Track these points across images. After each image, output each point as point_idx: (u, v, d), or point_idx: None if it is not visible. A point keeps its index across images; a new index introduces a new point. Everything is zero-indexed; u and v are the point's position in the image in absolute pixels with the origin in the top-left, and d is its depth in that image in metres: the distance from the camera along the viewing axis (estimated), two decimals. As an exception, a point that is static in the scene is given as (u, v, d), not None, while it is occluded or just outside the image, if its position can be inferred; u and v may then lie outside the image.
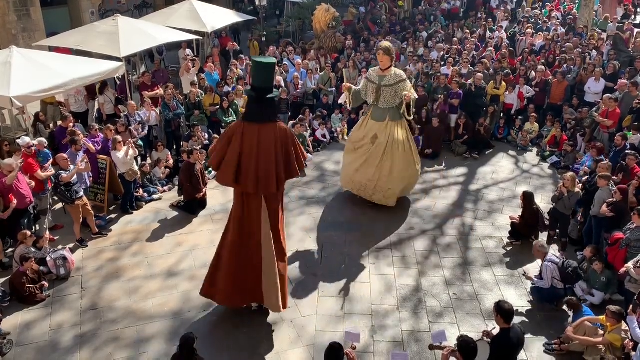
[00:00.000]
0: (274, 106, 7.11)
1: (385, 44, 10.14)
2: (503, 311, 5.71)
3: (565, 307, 7.53)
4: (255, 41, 18.39)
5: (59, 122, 11.29)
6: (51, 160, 9.66)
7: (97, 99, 12.85)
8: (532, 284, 8.04)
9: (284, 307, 7.37)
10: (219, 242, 7.42)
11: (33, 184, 8.98)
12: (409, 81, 10.29)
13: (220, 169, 6.83)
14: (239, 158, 6.64)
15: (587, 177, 10.07)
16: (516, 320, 6.49)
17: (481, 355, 5.76)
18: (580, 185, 9.35)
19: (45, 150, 9.87)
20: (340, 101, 11.33)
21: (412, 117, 10.24)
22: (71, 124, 10.80)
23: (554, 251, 7.98)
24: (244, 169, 6.66)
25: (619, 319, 6.65)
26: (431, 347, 6.26)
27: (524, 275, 8.37)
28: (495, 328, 6.11)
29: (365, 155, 10.05)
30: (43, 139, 10.18)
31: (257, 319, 7.60)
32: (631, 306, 6.98)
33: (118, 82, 14.04)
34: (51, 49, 14.25)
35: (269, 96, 6.74)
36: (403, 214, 10.39)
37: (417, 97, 10.38)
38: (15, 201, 8.37)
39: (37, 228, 9.31)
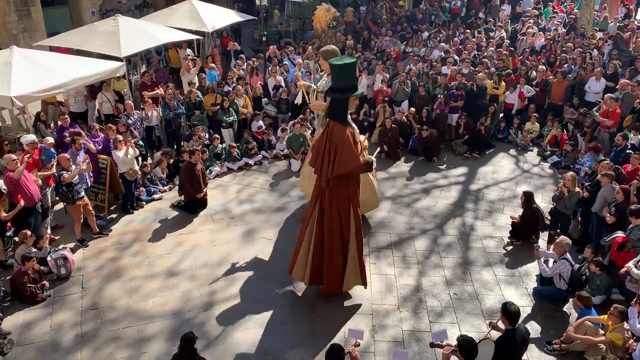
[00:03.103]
0: (342, 108, 7.18)
1: (332, 47, 9.29)
2: (509, 313, 5.71)
3: (575, 302, 7.48)
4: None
5: (59, 122, 11.29)
6: (55, 160, 9.67)
7: (96, 99, 12.86)
8: (535, 288, 8.04)
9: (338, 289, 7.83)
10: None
11: (40, 182, 9.00)
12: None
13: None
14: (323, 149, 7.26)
15: (587, 177, 10.07)
16: (517, 320, 6.47)
17: (486, 355, 5.76)
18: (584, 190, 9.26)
19: (51, 149, 9.88)
20: (297, 101, 11.13)
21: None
22: (67, 121, 10.80)
23: (569, 255, 7.94)
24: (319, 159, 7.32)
25: (623, 318, 6.64)
26: (432, 345, 6.24)
27: (536, 250, 8.21)
28: (499, 320, 6.10)
29: None
30: (50, 138, 10.19)
31: (258, 319, 7.61)
32: (635, 299, 6.96)
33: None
34: (52, 48, 14.26)
35: (347, 96, 7.08)
36: (403, 214, 10.39)
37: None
38: (22, 202, 8.37)
39: (46, 226, 9.34)
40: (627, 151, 10.13)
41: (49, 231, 9.32)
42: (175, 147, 12.40)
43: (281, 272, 8.55)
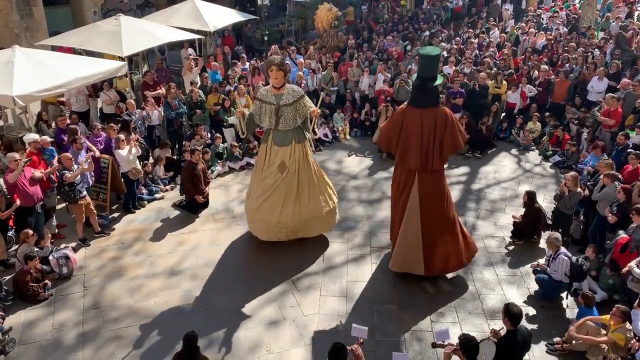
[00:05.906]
0: (435, 93, 7.83)
1: (278, 58, 8.72)
2: (511, 314, 5.71)
3: (578, 300, 7.49)
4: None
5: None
6: (57, 158, 9.69)
7: (99, 98, 12.85)
8: (539, 275, 8.02)
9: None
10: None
11: (43, 179, 9.00)
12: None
13: (383, 139, 8.26)
14: (399, 135, 7.78)
15: (589, 176, 10.05)
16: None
17: (487, 355, 5.76)
18: (586, 190, 9.25)
19: (51, 147, 9.89)
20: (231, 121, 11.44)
21: (317, 135, 10.01)
22: (66, 122, 10.81)
23: (564, 249, 7.96)
24: (407, 147, 7.71)
25: (625, 318, 6.63)
26: (434, 345, 6.24)
27: (537, 265, 8.17)
28: (502, 328, 6.10)
29: (278, 191, 8.69)
30: (46, 137, 10.20)
31: (260, 317, 7.62)
32: (637, 300, 6.95)
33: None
34: (54, 48, 14.27)
35: (434, 84, 7.65)
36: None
37: (320, 112, 10.06)
38: (18, 202, 8.39)
39: (53, 224, 9.40)
40: (629, 150, 10.11)
41: (56, 230, 9.36)
42: (177, 146, 12.41)
43: (282, 271, 8.56)
